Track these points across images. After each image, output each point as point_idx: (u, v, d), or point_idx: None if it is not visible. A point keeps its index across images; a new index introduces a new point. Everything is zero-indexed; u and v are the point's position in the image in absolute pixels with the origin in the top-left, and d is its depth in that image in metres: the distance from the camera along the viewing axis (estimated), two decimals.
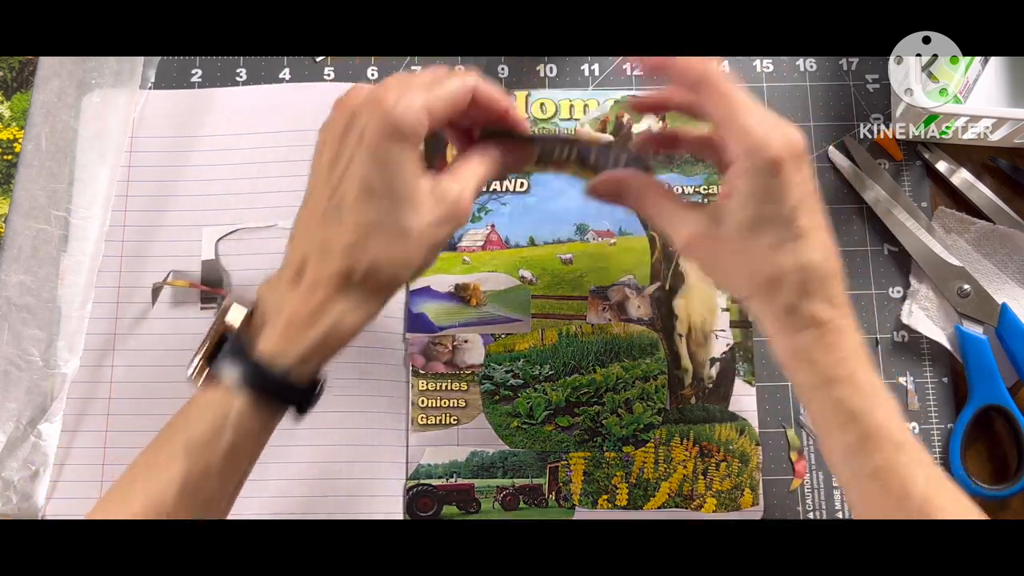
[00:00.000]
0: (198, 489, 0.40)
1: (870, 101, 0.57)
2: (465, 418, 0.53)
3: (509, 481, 0.52)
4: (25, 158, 0.56)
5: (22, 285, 0.54)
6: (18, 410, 0.52)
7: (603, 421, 0.53)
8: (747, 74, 0.58)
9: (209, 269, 0.54)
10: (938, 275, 0.54)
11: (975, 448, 0.53)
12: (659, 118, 0.56)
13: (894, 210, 0.55)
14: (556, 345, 0.54)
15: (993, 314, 0.53)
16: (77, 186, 0.55)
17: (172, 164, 0.56)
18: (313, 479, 0.52)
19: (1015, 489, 0.51)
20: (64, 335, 0.53)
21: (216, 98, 0.57)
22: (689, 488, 0.52)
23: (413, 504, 0.52)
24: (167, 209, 0.55)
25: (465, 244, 0.55)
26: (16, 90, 0.57)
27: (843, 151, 0.56)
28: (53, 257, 0.54)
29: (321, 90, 0.57)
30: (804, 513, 0.52)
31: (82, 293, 0.54)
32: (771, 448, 0.53)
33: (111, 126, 0.56)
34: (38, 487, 0.51)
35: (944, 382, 0.54)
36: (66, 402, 0.52)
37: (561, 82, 0.58)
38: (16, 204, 0.55)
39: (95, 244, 0.54)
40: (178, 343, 0.53)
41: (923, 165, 0.56)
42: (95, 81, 0.57)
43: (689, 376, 0.54)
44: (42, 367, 0.53)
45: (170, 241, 0.55)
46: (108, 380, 0.53)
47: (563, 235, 0.55)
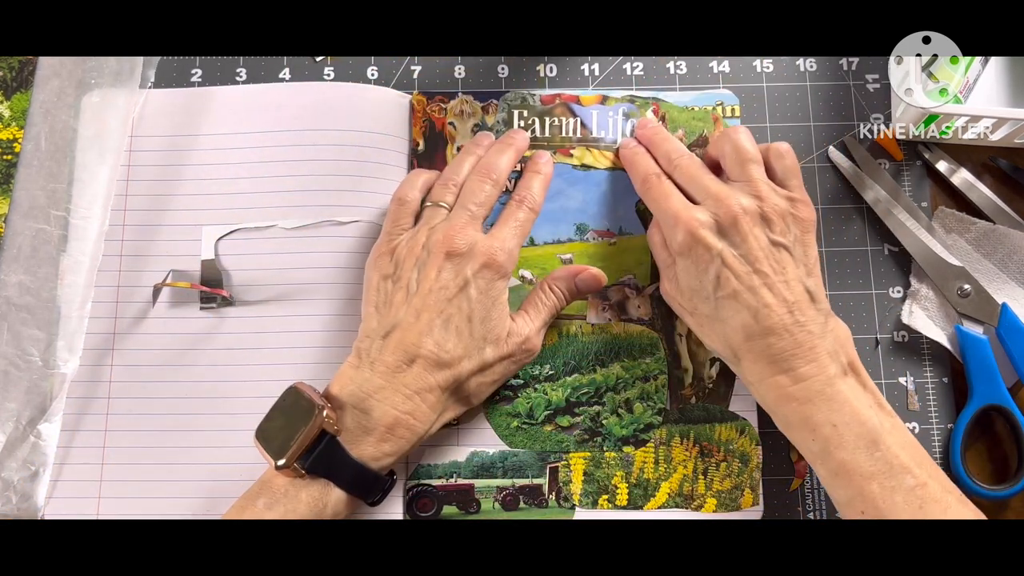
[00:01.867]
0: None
1: (870, 101, 0.57)
2: (465, 418, 0.53)
3: (509, 481, 0.52)
4: (25, 158, 0.56)
5: (21, 285, 0.54)
6: (17, 410, 0.52)
7: (603, 421, 0.53)
8: (747, 74, 0.58)
9: (209, 269, 0.54)
10: (938, 275, 0.54)
11: (975, 448, 0.53)
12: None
13: (894, 210, 0.55)
14: (556, 345, 0.54)
15: (993, 314, 0.53)
16: (77, 186, 0.55)
17: (172, 164, 0.56)
18: None
19: (1015, 489, 0.51)
20: (64, 335, 0.53)
21: (216, 97, 0.57)
22: (689, 488, 0.52)
23: (413, 504, 0.52)
24: (167, 209, 0.55)
25: None
26: (16, 90, 0.57)
27: (843, 151, 0.56)
28: (53, 257, 0.54)
29: (321, 90, 0.57)
30: (804, 513, 0.52)
31: (82, 293, 0.54)
32: (771, 448, 0.53)
33: (111, 126, 0.56)
34: (38, 487, 0.51)
35: (944, 382, 0.54)
36: (66, 402, 0.52)
37: (561, 82, 0.58)
38: (16, 204, 0.55)
39: (95, 244, 0.54)
40: (178, 343, 0.53)
41: (923, 165, 0.56)
42: (95, 81, 0.57)
43: (689, 376, 0.54)
44: (41, 367, 0.53)
45: (170, 241, 0.55)
46: (108, 380, 0.53)
47: (563, 235, 0.55)
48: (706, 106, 0.57)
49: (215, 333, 0.53)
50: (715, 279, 0.46)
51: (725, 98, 0.57)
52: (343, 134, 0.55)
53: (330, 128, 0.55)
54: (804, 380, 0.44)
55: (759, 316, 0.45)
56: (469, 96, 0.57)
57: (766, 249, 0.46)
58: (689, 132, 0.56)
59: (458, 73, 0.58)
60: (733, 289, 0.46)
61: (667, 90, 0.57)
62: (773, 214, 0.47)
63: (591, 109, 0.56)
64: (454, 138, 0.56)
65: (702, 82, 0.58)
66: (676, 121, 0.56)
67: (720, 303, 0.46)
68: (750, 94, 0.57)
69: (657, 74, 0.58)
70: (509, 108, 0.57)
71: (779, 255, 0.46)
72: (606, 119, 0.56)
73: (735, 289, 0.45)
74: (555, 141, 0.56)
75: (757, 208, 0.46)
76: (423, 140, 0.56)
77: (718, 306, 0.46)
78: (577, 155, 0.56)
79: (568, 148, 0.56)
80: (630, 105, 0.56)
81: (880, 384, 0.53)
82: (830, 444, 0.43)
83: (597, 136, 0.56)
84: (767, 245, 0.46)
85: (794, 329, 0.45)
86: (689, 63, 0.58)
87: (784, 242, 0.46)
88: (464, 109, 0.57)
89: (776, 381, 0.45)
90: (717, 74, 0.58)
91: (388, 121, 0.56)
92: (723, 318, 0.46)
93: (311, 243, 0.54)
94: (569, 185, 0.56)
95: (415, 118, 0.57)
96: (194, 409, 0.52)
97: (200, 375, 0.53)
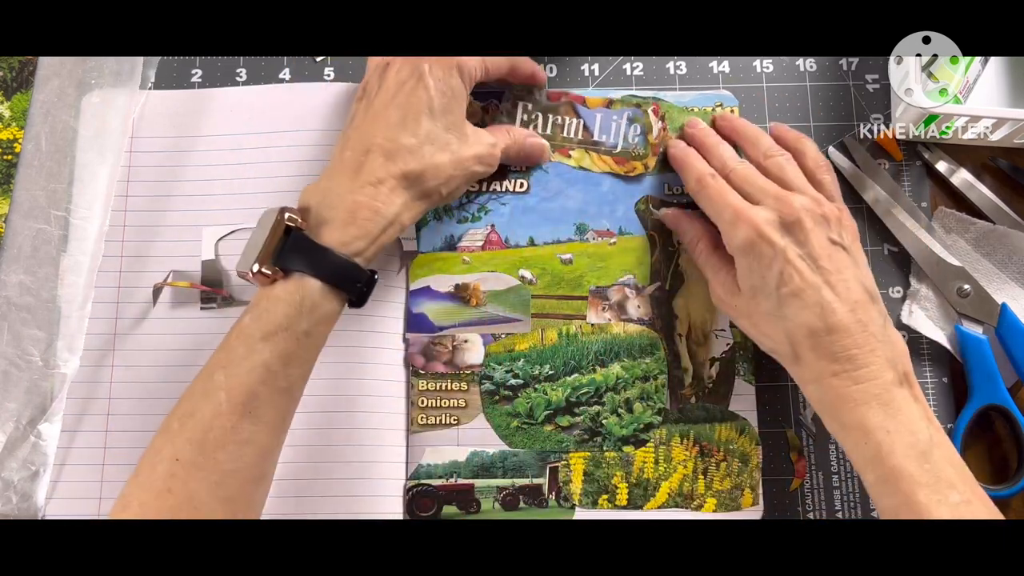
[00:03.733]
0: (279, 375, 0.44)
1: (870, 101, 0.57)
2: (465, 418, 0.53)
3: (509, 481, 0.52)
4: (25, 158, 0.56)
5: (22, 285, 0.54)
6: (18, 410, 0.52)
7: (603, 421, 0.53)
8: (747, 74, 0.58)
9: (209, 269, 0.54)
10: (938, 275, 0.54)
11: (975, 448, 0.53)
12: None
13: (894, 210, 0.55)
14: (556, 345, 0.54)
15: (993, 314, 0.53)
16: (77, 186, 0.55)
17: (172, 164, 0.56)
18: (313, 479, 0.52)
19: (1015, 489, 0.51)
20: (64, 335, 0.53)
21: (216, 98, 0.57)
22: (689, 488, 0.52)
23: (413, 504, 0.52)
24: (167, 209, 0.55)
25: (465, 244, 0.55)
26: (16, 90, 0.57)
27: (843, 151, 0.56)
28: (53, 257, 0.54)
29: (321, 90, 0.57)
30: (804, 513, 0.52)
31: (82, 293, 0.54)
32: (771, 448, 0.53)
33: (111, 126, 0.56)
34: (38, 487, 0.51)
35: (944, 382, 0.54)
36: (66, 402, 0.52)
37: (561, 82, 0.58)
38: (16, 204, 0.55)
39: (95, 244, 0.54)
40: (178, 343, 0.53)
41: (923, 165, 0.56)
42: (95, 81, 0.57)
43: (689, 376, 0.54)
44: (42, 367, 0.53)
45: (170, 241, 0.55)
46: (108, 380, 0.53)
47: (563, 235, 0.55)
48: (706, 106, 0.57)
49: (216, 333, 0.53)
50: (778, 275, 0.46)
51: (725, 98, 0.57)
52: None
53: (330, 129, 0.55)
54: (863, 382, 0.44)
55: (823, 314, 0.45)
56: (469, 96, 0.57)
57: (828, 248, 0.46)
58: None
59: None
60: (797, 286, 0.45)
61: (667, 90, 0.57)
62: (832, 216, 0.47)
63: (596, 112, 0.56)
64: None
65: (702, 82, 0.58)
66: (676, 121, 0.56)
67: (784, 300, 0.46)
68: (750, 94, 0.57)
69: (657, 74, 0.58)
70: (514, 98, 0.56)
71: (838, 255, 0.46)
72: (609, 123, 0.56)
73: (799, 286, 0.45)
74: (556, 140, 0.56)
75: (817, 209, 0.47)
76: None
77: (781, 303, 0.46)
78: (576, 157, 0.56)
79: (567, 149, 0.56)
80: (636, 110, 0.56)
81: None
82: (882, 449, 0.43)
83: (598, 139, 0.56)
84: (828, 244, 0.46)
85: (856, 328, 0.45)
86: (689, 63, 0.58)
87: (843, 243, 0.47)
88: None
89: (835, 381, 0.45)
90: (717, 74, 0.58)
91: None
92: (786, 315, 0.46)
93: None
94: (569, 185, 0.56)
95: None
96: None
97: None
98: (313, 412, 0.52)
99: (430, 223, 0.55)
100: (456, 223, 0.55)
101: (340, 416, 0.52)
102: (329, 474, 0.52)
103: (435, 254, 0.55)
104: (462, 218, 0.55)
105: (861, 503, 0.53)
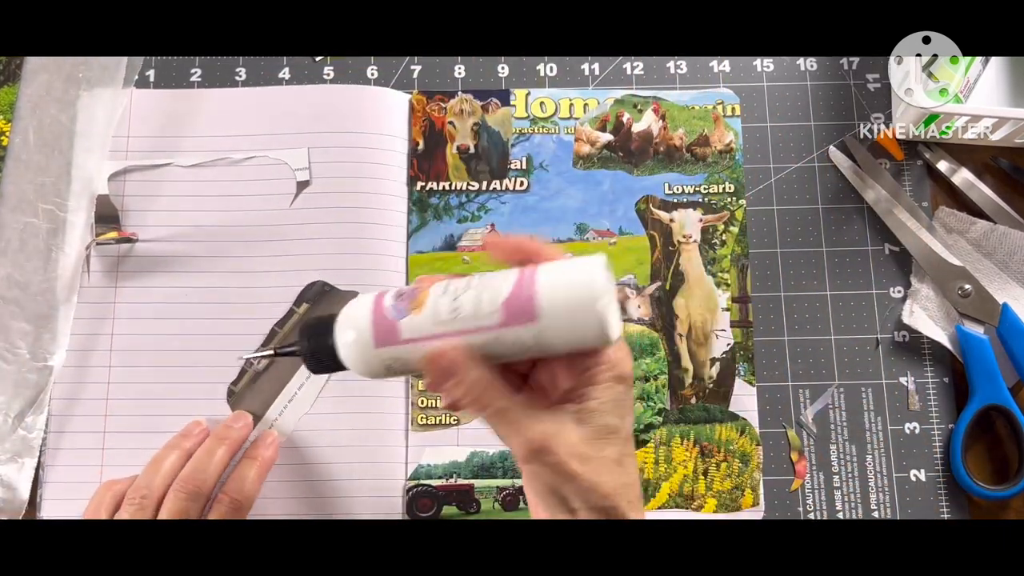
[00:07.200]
0: None
1: (871, 101, 0.57)
2: (465, 418, 0.53)
3: (509, 481, 0.52)
4: (13, 152, 0.56)
5: (10, 278, 0.54)
6: (6, 403, 0.52)
7: None
8: (747, 74, 0.58)
9: (104, 204, 0.54)
10: (939, 275, 0.54)
11: (976, 448, 0.53)
12: (659, 116, 0.56)
13: (895, 210, 0.54)
14: None
15: (994, 314, 0.53)
16: (65, 180, 0.55)
17: (166, 164, 0.56)
18: (313, 479, 0.51)
19: (1016, 489, 0.51)
20: (51, 328, 0.53)
21: (213, 99, 0.56)
22: (689, 488, 0.52)
23: (413, 504, 0.52)
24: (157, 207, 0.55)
25: (465, 244, 0.55)
26: (3, 84, 0.57)
27: (844, 151, 0.56)
28: (41, 250, 0.54)
29: (321, 91, 0.57)
30: (804, 513, 0.52)
31: (69, 286, 0.54)
32: (771, 448, 0.53)
33: (98, 120, 0.56)
34: (24, 479, 0.51)
35: (945, 382, 0.54)
36: (64, 402, 0.52)
37: (561, 81, 0.58)
38: (4, 198, 0.55)
39: (82, 237, 0.54)
40: (168, 342, 0.53)
41: (924, 165, 0.56)
42: (83, 75, 0.57)
43: (689, 376, 0.54)
44: (29, 360, 0.53)
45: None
46: (97, 375, 0.53)
47: (563, 235, 0.55)
48: (706, 105, 0.57)
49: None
50: (630, 424, 0.39)
51: (725, 97, 0.57)
52: (343, 135, 0.55)
53: (330, 129, 0.55)
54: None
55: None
56: (469, 95, 0.57)
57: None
58: (689, 131, 0.56)
59: (458, 72, 0.58)
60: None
61: (667, 89, 0.57)
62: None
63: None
64: (454, 137, 0.56)
65: (702, 82, 0.58)
66: (676, 120, 0.56)
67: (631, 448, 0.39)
68: (750, 94, 0.57)
69: (657, 74, 0.58)
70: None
71: None
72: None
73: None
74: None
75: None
76: (423, 139, 0.56)
77: (626, 451, 0.38)
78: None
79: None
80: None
81: (881, 384, 0.53)
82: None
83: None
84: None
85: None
86: (689, 63, 0.58)
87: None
88: (464, 108, 0.57)
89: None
90: (717, 74, 0.58)
91: (388, 121, 0.56)
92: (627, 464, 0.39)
93: (208, 186, 0.55)
94: (569, 185, 0.56)
95: (415, 118, 0.57)
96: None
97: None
98: (313, 413, 0.52)
99: (430, 223, 0.55)
100: (456, 223, 0.55)
101: (340, 416, 0.52)
102: (329, 474, 0.52)
103: (435, 254, 0.55)
104: (462, 217, 0.55)
105: (861, 503, 0.52)
